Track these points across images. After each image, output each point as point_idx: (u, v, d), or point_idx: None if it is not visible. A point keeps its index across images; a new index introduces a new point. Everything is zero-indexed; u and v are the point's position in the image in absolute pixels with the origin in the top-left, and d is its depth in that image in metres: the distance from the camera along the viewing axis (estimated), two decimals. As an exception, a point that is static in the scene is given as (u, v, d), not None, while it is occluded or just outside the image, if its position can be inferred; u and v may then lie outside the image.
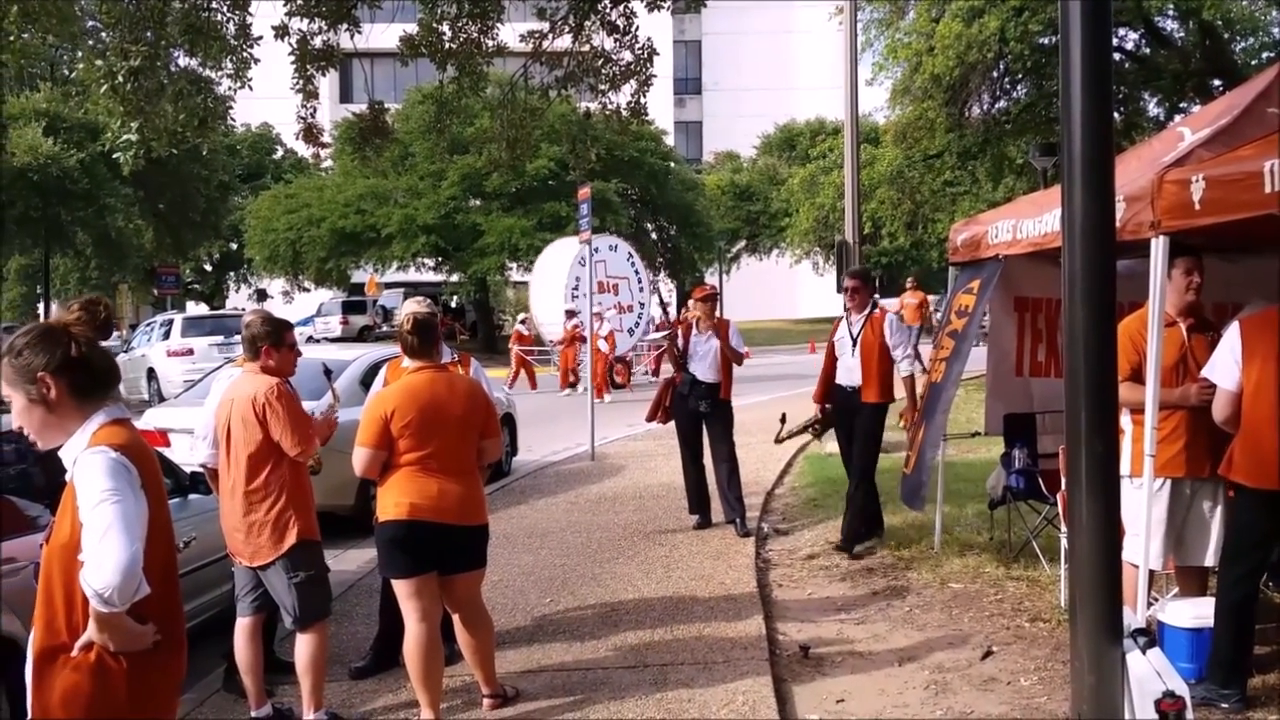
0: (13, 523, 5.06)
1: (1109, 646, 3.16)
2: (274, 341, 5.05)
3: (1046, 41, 19.09)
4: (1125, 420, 5.09)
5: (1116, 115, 18.57)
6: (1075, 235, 3.15)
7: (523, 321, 26.73)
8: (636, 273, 25.55)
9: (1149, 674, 3.15)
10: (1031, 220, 6.26)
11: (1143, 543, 4.91)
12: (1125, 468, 4.96)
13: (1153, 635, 3.44)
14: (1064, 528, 6.24)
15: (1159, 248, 4.78)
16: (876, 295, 8.68)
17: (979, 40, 18.53)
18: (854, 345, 7.87)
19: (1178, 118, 18.22)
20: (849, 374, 7.95)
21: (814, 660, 5.75)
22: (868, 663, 5.69)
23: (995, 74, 20.36)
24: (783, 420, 8.91)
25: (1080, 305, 3.14)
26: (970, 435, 9.14)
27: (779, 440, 9.16)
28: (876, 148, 30.36)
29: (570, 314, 22.12)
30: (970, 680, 5.35)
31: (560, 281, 25.25)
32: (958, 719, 4.92)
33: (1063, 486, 6.22)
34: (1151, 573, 5.06)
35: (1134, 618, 3.51)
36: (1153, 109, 22.37)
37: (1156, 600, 5.42)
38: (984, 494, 8.04)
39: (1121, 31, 20.14)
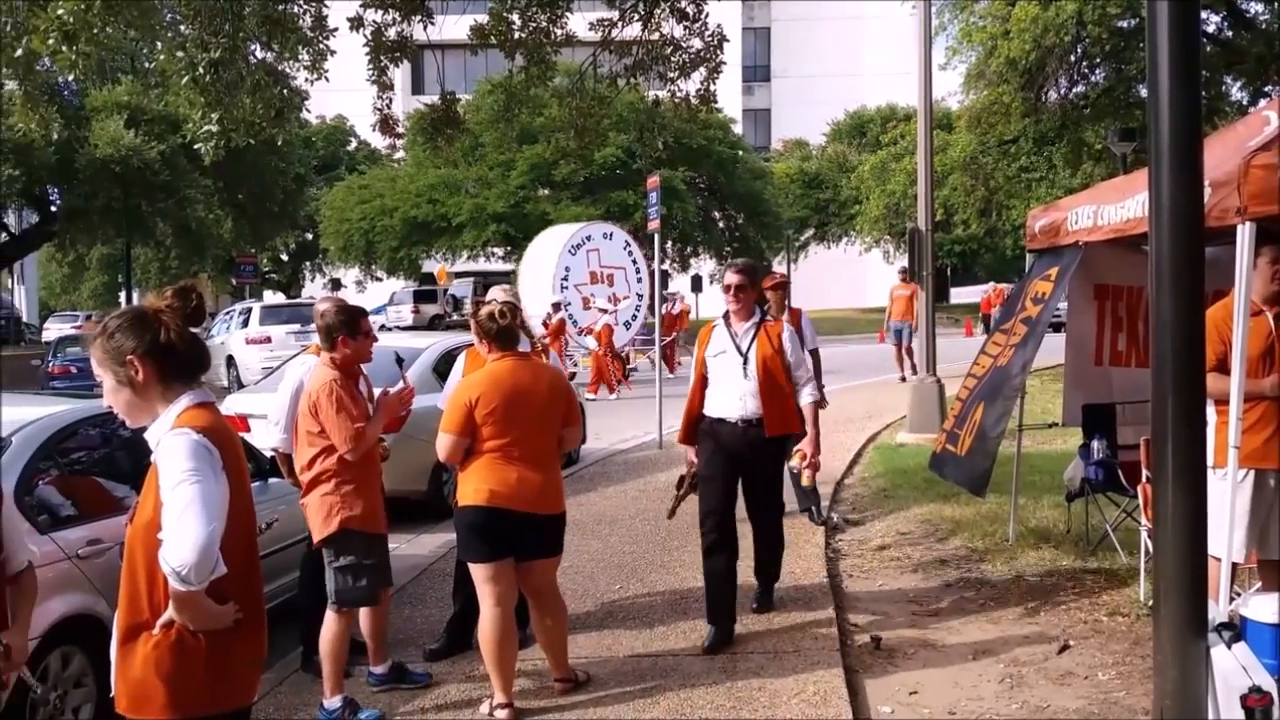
0: (101, 504, 5.21)
1: (1193, 641, 3.09)
2: (349, 331, 5.12)
3: (1125, 24, 18.64)
4: (1209, 411, 4.97)
5: (1200, 99, 18.08)
6: (1163, 221, 3.08)
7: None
8: (634, 262, 23.88)
9: (1234, 669, 3.08)
10: (1113, 206, 6.13)
11: (1226, 535, 4.79)
12: (1209, 459, 4.84)
13: (1237, 630, 3.36)
14: (1144, 520, 6.13)
15: (1245, 234, 4.65)
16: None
17: (1056, 23, 18.14)
18: (745, 363, 5.87)
19: (1262, 102, 17.69)
20: (741, 403, 5.86)
21: (885, 652, 5.70)
22: (941, 655, 5.63)
23: (1073, 58, 19.92)
24: (680, 484, 6.37)
25: (1168, 293, 3.07)
26: (1047, 426, 8.96)
27: (671, 515, 6.64)
28: (950, 133, 29.90)
29: (557, 306, 20.77)
30: (1046, 674, 5.27)
31: (548, 271, 23.46)
32: (1034, 713, 4.85)
33: (1144, 478, 6.15)
34: (1234, 566, 4.93)
35: (1218, 612, 3.43)
36: (1235, 93, 21.75)
37: (1239, 595, 5.28)
38: (1061, 486, 7.89)
39: (1203, 14, 19.59)
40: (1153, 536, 5.69)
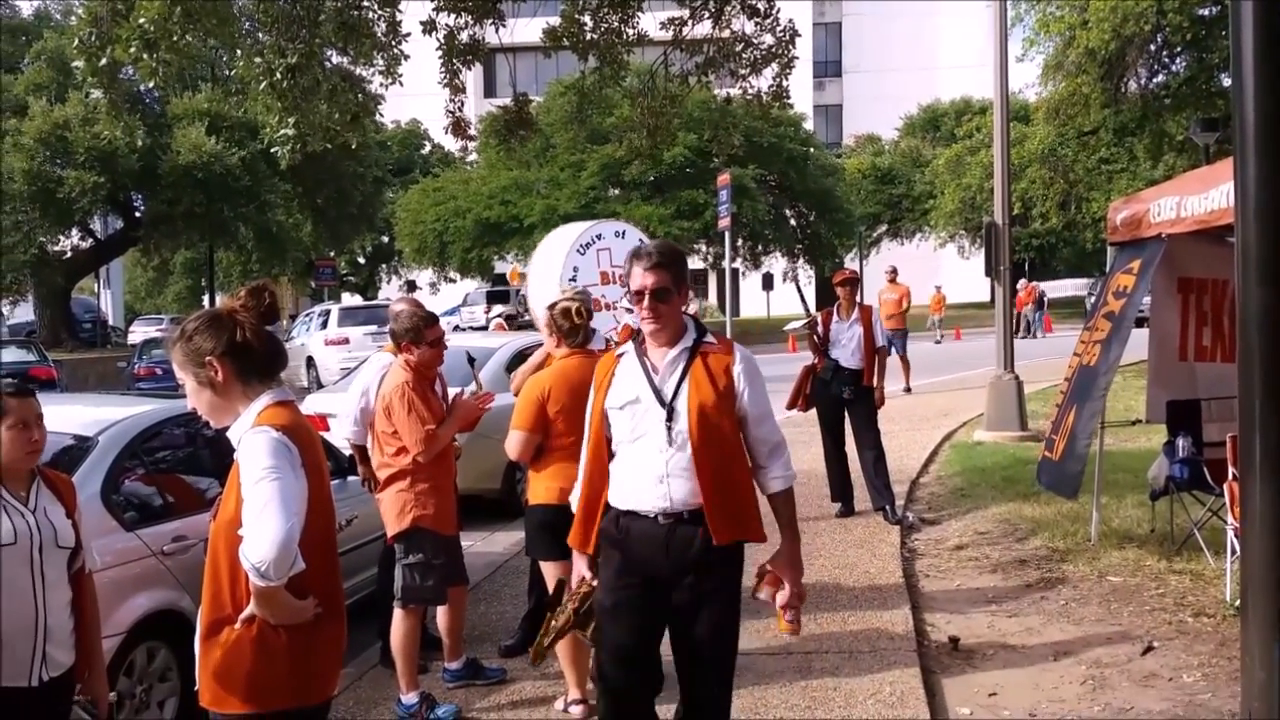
0: (185, 501, 5.34)
1: (1283, 643, 3.00)
2: (413, 339, 5.16)
3: (1207, 12, 18.16)
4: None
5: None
6: (1248, 211, 3.00)
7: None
8: None
9: (1327, 672, 2.98)
10: (1197, 197, 5.98)
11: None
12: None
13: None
14: (1231, 519, 5.97)
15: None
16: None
17: (1136, 12, 17.74)
18: (670, 418, 3.47)
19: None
20: (664, 486, 3.49)
21: (964, 652, 5.62)
22: (1021, 656, 5.53)
23: (1153, 47, 19.47)
24: (552, 605, 3.98)
25: (1255, 285, 2.98)
26: (1130, 423, 8.78)
27: (537, 659, 4.13)
28: (1027, 125, 29.36)
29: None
30: (1130, 676, 5.16)
31: (555, 271, 23.26)
32: (1116, 715, 4.74)
33: (1230, 476, 5.99)
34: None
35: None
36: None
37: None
38: (1144, 484, 7.71)
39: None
40: (1239, 535, 5.56)
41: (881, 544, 7.82)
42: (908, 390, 17.47)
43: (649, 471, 3.48)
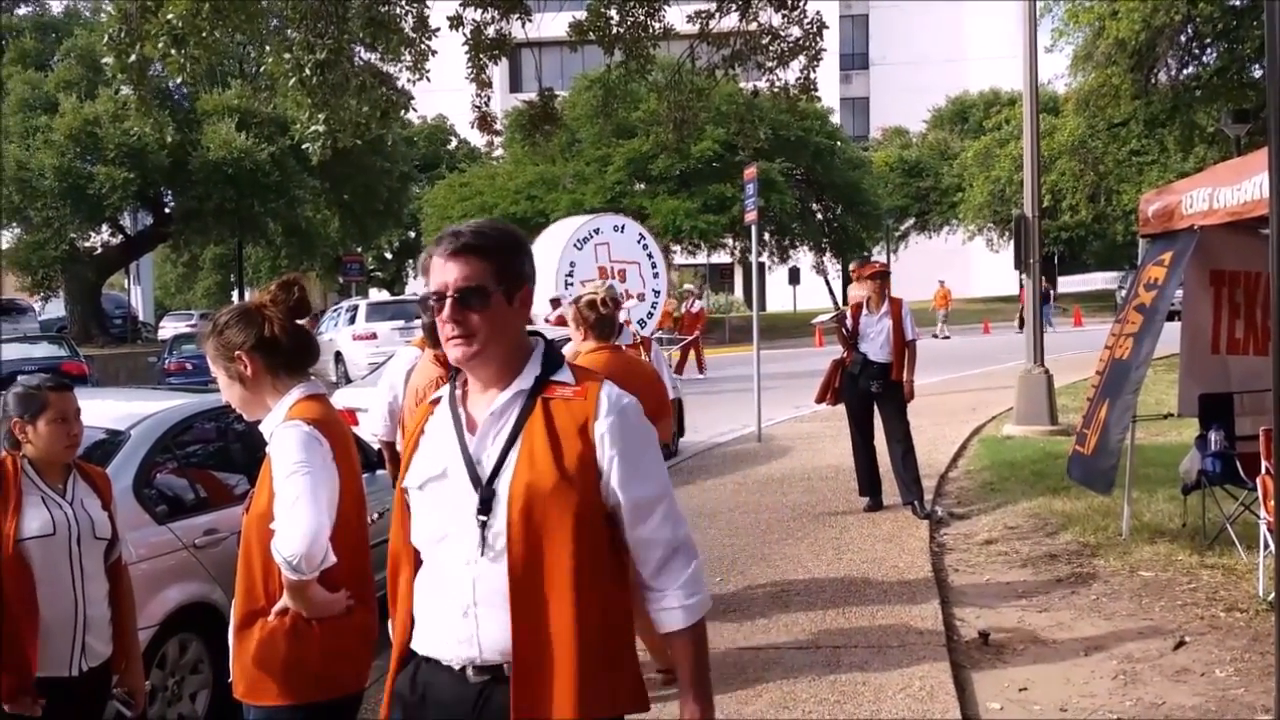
0: (217, 495, 5.38)
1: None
2: (434, 343, 5.19)
3: (1238, 2, 17.96)
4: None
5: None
6: (1284, 201, 2.96)
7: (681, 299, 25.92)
8: (650, 256, 21.74)
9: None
10: (1229, 188, 5.92)
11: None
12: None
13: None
14: (1264, 513, 5.92)
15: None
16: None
17: (1166, 2, 17.57)
18: (487, 507, 2.18)
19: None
20: (470, 624, 2.21)
21: (994, 647, 5.59)
22: (1051, 651, 5.50)
23: (1183, 37, 19.28)
24: None
25: (1289, 275, 2.95)
26: (1161, 417, 8.69)
27: None
28: (1056, 117, 29.13)
29: (555, 302, 19.38)
30: (1162, 671, 5.12)
31: (551, 267, 22.48)
32: (1148, 710, 4.71)
33: (1264, 470, 5.93)
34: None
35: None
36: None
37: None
38: (1176, 478, 7.64)
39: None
40: (1273, 530, 5.51)
41: (910, 538, 7.79)
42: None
43: (453, 597, 2.20)
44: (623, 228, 21.58)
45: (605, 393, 2.21)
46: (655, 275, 21.36)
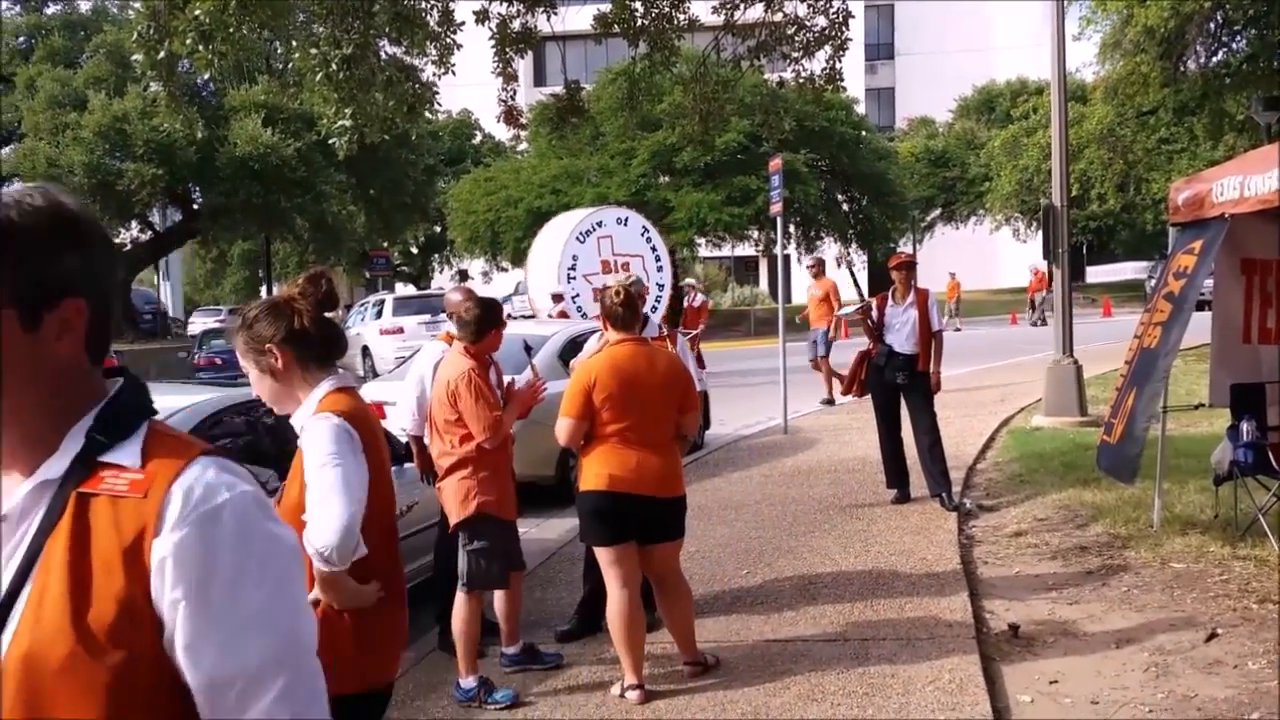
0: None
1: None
2: (496, 323, 5.23)
3: (1269, -11, 17.74)
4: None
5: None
6: (1319, 188, 2.92)
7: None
8: (653, 249, 20.98)
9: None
10: (1261, 176, 5.86)
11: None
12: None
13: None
14: (1300, 505, 5.86)
15: None
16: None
17: (1195, -11, 17.38)
18: None
19: None
20: None
21: (1024, 640, 5.57)
22: (1082, 644, 5.47)
23: (1213, 25, 19.04)
24: None
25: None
26: (1192, 407, 8.60)
27: None
28: (1085, 105, 28.88)
29: (557, 297, 18.11)
30: (1193, 663, 5.08)
31: (553, 260, 20.83)
32: (1180, 702, 4.67)
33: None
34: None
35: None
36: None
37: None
38: (1207, 469, 7.58)
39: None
40: (1310, 521, 5.45)
41: (939, 530, 7.76)
42: (829, 402, 15.07)
43: None
44: (626, 220, 21.11)
45: (184, 483, 1.34)
46: (660, 268, 21.01)
